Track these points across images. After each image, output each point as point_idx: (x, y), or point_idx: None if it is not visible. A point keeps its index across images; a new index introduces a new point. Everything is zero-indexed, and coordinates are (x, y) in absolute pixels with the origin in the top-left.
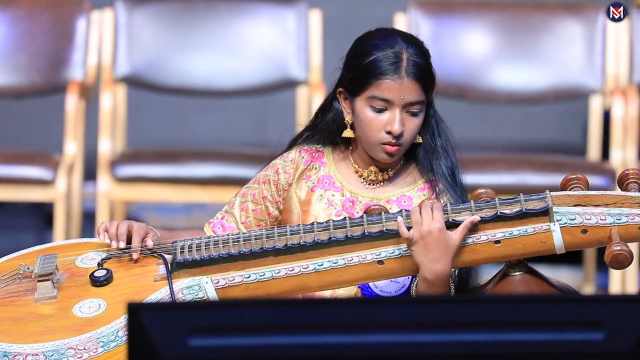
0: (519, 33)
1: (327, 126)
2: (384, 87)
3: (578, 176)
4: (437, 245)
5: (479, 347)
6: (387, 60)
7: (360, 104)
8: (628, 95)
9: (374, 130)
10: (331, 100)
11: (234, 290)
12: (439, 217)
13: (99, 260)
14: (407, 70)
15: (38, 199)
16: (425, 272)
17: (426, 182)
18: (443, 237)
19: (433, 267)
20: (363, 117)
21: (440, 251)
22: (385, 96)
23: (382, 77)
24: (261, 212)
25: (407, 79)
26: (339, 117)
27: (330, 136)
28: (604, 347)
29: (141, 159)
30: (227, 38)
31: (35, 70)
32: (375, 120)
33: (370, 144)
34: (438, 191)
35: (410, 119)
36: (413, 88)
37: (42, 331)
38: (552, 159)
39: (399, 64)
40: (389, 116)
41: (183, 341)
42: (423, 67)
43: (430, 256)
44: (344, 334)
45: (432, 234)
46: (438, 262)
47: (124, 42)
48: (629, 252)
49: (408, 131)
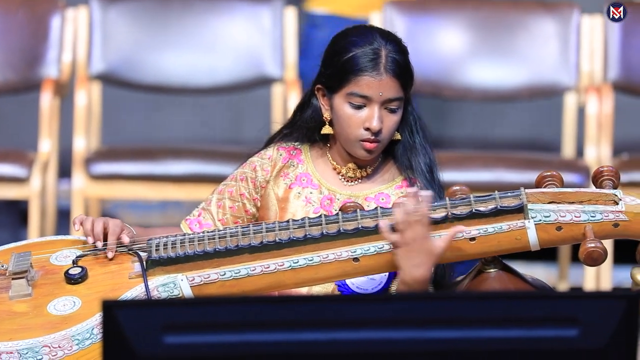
0: (494, 31)
1: (305, 123)
2: (363, 83)
3: (553, 173)
4: (419, 252)
5: (454, 343)
6: (366, 57)
7: (339, 101)
8: (602, 92)
9: (352, 126)
10: (309, 97)
11: (209, 288)
12: (424, 224)
13: (73, 258)
14: (386, 66)
15: (13, 196)
16: (405, 276)
17: (404, 179)
18: (427, 244)
19: (413, 272)
20: (342, 114)
21: (423, 257)
22: (364, 93)
23: (360, 73)
24: (238, 209)
25: (385, 75)
26: (317, 114)
27: (308, 133)
28: (578, 343)
29: (116, 156)
30: (202, 35)
31: (9, 68)
32: (354, 117)
33: (349, 141)
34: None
35: (388, 116)
36: (392, 85)
37: (16, 329)
38: (527, 156)
39: (377, 60)
40: (367, 113)
41: (158, 339)
42: (401, 63)
43: (412, 262)
44: (320, 331)
45: (416, 241)
46: (419, 267)
47: (98, 40)
48: (603, 249)
49: (386, 128)
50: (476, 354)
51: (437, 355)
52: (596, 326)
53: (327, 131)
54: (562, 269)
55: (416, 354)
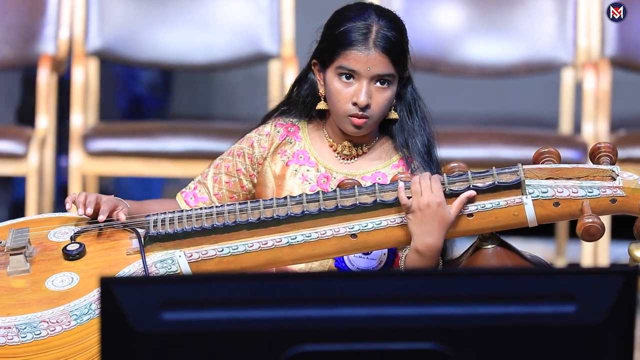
0: (491, 6)
1: (302, 98)
2: (351, 57)
3: (550, 149)
4: (433, 218)
5: (451, 320)
6: (357, 32)
7: (330, 75)
8: (600, 68)
9: (341, 101)
10: (306, 72)
11: (207, 264)
12: (439, 191)
13: (71, 234)
14: (375, 42)
15: (10, 173)
16: (417, 243)
17: (401, 158)
18: (441, 210)
19: (426, 239)
20: (332, 88)
21: (435, 224)
22: (352, 67)
23: (349, 47)
24: (234, 184)
25: (374, 50)
26: (313, 89)
27: (305, 109)
28: (576, 319)
29: (113, 133)
30: (199, 12)
31: (6, 44)
32: (342, 92)
33: (339, 116)
34: (413, 168)
35: (379, 92)
36: (380, 60)
37: (14, 304)
38: (525, 132)
39: (367, 35)
40: (355, 87)
41: (156, 315)
42: (393, 40)
43: (424, 228)
44: (318, 308)
45: (430, 207)
46: (431, 234)
47: (95, 16)
48: (601, 225)
49: (376, 104)
50: (473, 330)
51: (435, 331)
52: (594, 302)
53: (321, 107)
54: (559, 245)
55: (414, 330)
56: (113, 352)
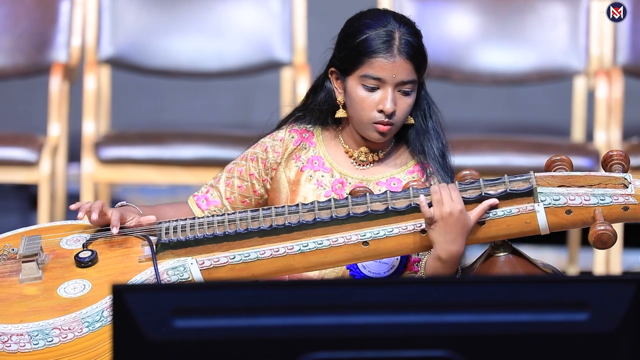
0: (503, 14)
1: (318, 106)
2: (376, 65)
3: (562, 157)
4: (456, 226)
5: (464, 327)
6: (379, 39)
7: (353, 83)
8: (612, 76)
9: (366, 109)
10: (323, 80)
11: (219, 271)
12: (459, 199)
13: (83, 242)
14: (400, 48)
15: (22, 180)
16: (440, 251)
17: (417, 164)
18: (463, 218)
19: (449, 247)
20: (355, 96)
21: (458, 231)
22: (378, 75)
23: (374, 55)
24: (247, 189)
25: (399, 57)
26: (330, 97)
27: (321, 116)
28: (588, 327)
29: (125, 140)
30: (211, 19)
31: (19, 52)
32: (367, 99)
33: (363, 124)
34: (429, 173)
35: (402, 98)
36: (405, 67)
37: (26, 311)
38: (537, 140)
39: (391, 42)
40: (381, 95)
41: (168, 322)
42: (415, 46)
43: (448, 236)
44: (329, 315)
45: (453, 215)
46: (454, 242)
47: (107, 24)
48: (613, 232)
49: (400, 110)
50: (485, 338)
51: (447, 339)
52: (606, 310)
53: (341, 114)
54: (571, 253)
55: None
56: (125, 359)
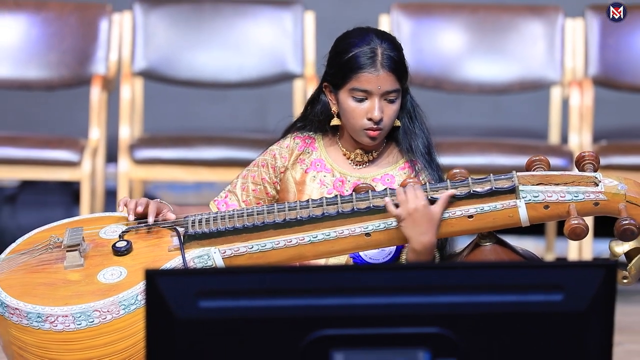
0: (489, 31)
1: (316, 117)
2: (363, 79)
3: (541, 158)
4: (422, 219)
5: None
6: (364, 56)
7: (343, 96)
8: (584, 86)
9: (356, 118)
10: (318, 93)
11: (239, 259)
12: (422, 195)
13: (120, 233)
14: (382, 63)
15: (66, 178)
16: (414, 244)
17: (406, 161)
18: (427, 211)
19: (421, 239)
20: (346, 107)
21: (426, 224)
22: (365, 87)
23: (360, 70)
24: (260, 192)
25: (382, 71)
26: (326, 108)
27: (320, 125)
28: (562, 307)
29: (157, 143)
30: (231, 36)
31: (64, 66)
32: (357, 109)
33: (355, 130)
34: (417, 169)
35: (388, 106)
36: (388, 78)
37: (70, 295)
38: (518, 142)
39: (374, 58)
40: (369, 105)
41: (194, 303)
42: (396, 59)
43: (417, 230)
44: (336, 297)
45: (418, 211)
46: (425, 234)
47: (141, 41)
48: (585, 226)
49: (387, 116)
50: (473, 316)
51: (439, 317)
52: (578, 292)
53: (335, 123)
54: (549, 242)
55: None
56: (156, 335)
